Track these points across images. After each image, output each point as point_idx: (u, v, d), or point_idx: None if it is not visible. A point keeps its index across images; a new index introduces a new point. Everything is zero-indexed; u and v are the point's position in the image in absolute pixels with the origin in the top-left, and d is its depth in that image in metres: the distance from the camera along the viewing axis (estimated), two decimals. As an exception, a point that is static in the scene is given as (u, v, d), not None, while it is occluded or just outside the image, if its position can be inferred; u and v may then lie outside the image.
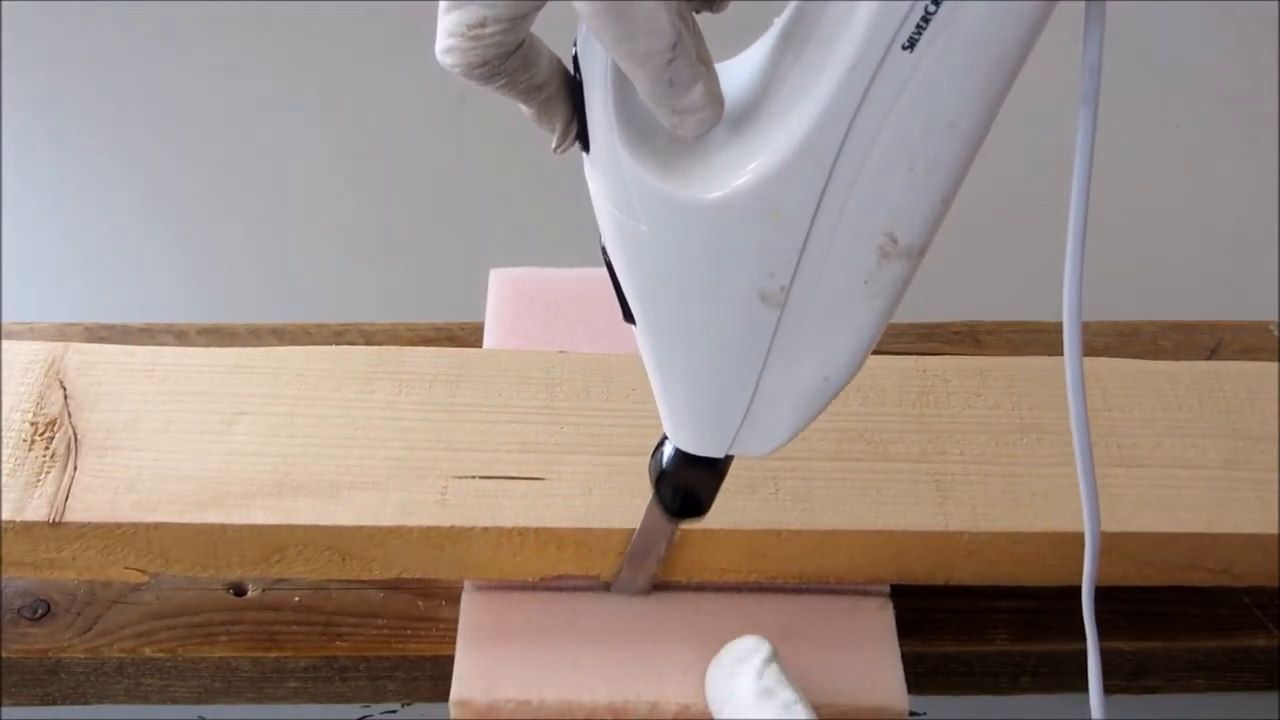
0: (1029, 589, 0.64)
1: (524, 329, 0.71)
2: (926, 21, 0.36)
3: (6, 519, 0.58)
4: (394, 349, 0.65)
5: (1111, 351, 0.75)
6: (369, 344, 0.73)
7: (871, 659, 0.60)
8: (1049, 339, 0.75)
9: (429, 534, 0.58)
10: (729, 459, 0.51)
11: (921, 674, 0.64)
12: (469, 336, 0.75)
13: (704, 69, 0.39)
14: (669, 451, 0.52)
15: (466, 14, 0.37)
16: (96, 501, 0.58)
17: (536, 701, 0.58)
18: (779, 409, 0.47)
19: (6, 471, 0.59)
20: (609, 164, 0.41)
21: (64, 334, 0.73)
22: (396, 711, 0.69)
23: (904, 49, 0.36)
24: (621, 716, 0.58)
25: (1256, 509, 0.60)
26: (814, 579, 0.62)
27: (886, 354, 0.65)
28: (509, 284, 0.73)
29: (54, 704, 0.65)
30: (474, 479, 0.60)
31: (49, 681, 0.63)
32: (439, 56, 0.39)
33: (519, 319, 0.72)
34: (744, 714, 0.54)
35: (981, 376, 0.65)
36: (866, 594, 0.62)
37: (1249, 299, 1.16)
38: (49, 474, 0.59)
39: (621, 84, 0.40)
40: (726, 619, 0.61)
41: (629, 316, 0.46)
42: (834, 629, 0.61)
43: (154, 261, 1.25)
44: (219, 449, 0.60)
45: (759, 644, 0.56)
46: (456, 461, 0.60)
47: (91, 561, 0.59)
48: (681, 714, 0.58)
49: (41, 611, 0.63)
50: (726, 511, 0.55)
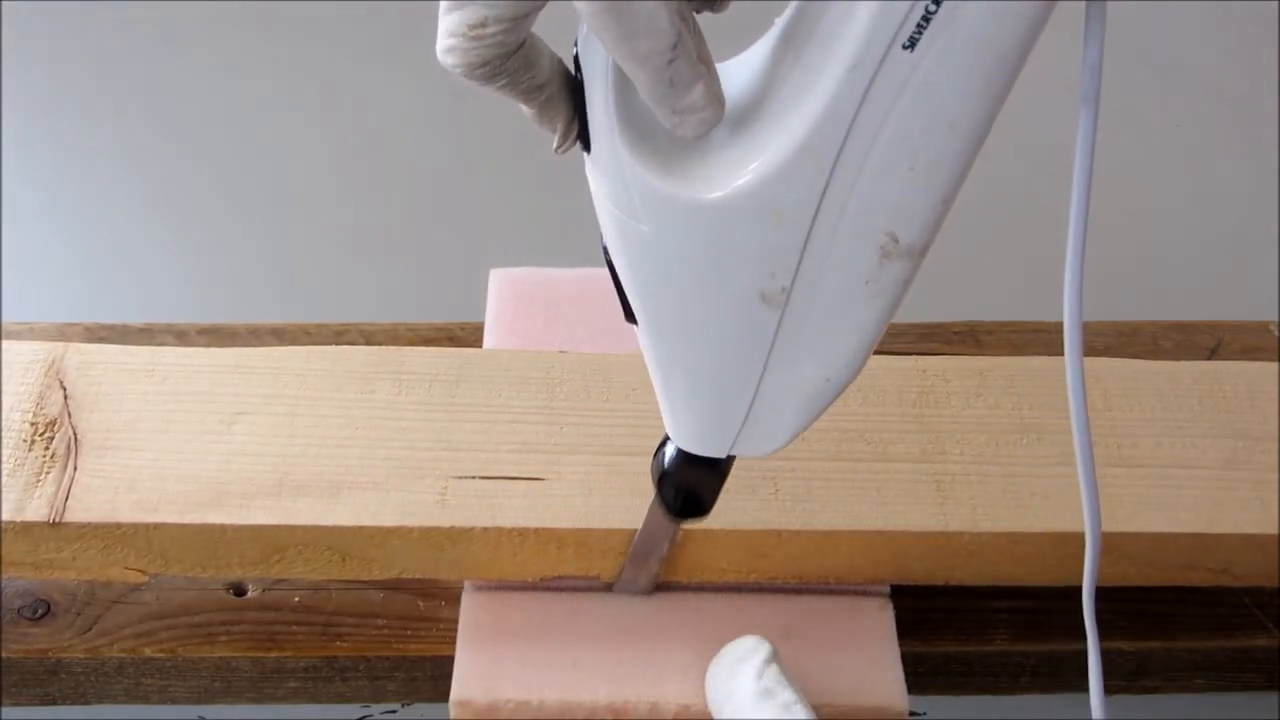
0: (1029, 589, 0.64)
1: (524, 329, 0.71)
2: (927, 21, 0.36)
3: (6, 519, 0.58)
4: (394, 349, 0.65)
5: (1111, 351, 0.75)
6: (369, 344, 0.73)
7: (871, 659, 0.60)
8: (1049, 339, 0.75)
9: (429, 534, 0.58)
10: (731, 459, 0.51)
11: (921, 674, 0.64)
12: (469, 336, 0.75)
13: (705, 69, 0.39)
14: (671, 452, 0.52)
15: (467, 14, 0.37)
16: (96, 502, 0.58)
17: (536, 701, 0.58)
18: (780, 409, 0.47)
19: (6, 471, 0.59)
20: (610, 164, 0.41)
21: (64, 334, 0.73)
22: (396, 711, 0.69)
23: (904, 49, 0.36)
24: (621, 717, 0.58)
25: (1256, 509, 0.60)
26: (814, 579, 0.62)
27: (886, 354, 0.65)
28: (509, 284, 0.73)
29: (54, 704, 0.65)
30: (474, 479, 0.60)
31: (49, 681, 0.63)
32: (440, 57, 0.39)
33: (519, 319, 0.72)
34: (744, 714, 0.54)
35: (981, 376, 0.65)
36: (866, 594, 0.62)
37: (1249, 299, 1.16)
38: (49, 474, 0.59)
39: (622, 84, 0.40)
40: (726, 619, 0.61)
41: (630, 317, 0.46)
42: (834, 629, 0.61)
43: (154, 261, 1.25)
44: (219, 449, 0.60)
45: (759, 644, 0.56)
46: (456, 461, 0.60)
47: (91, 561, 0.59)
48: (681, 714, 0.58)
49: (41, 611, 0.63)
50: (726, 512, 0.55)
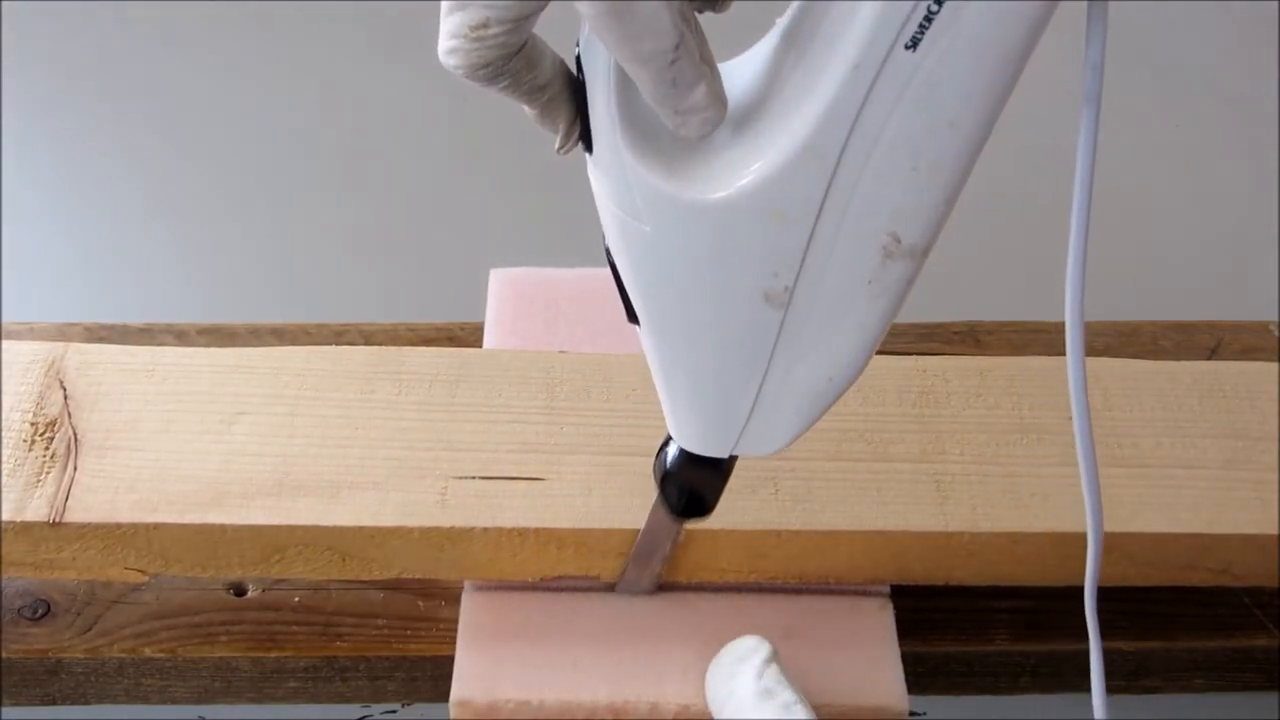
0: (1029, 589, 0.64)
1: (524, 329, 0.71)
2: (929, 21, 0.36)
3: (6, 519, 0.58)
4: (394, 349, 0.65)
5: (1111, 351, 0.75)
6: (369, 344, 0.73)
7: (871, 659, 0.60)
8: (1049, 339, 0.75)
9: (429, 534, 0.58)
10: (733, 459, 0.51)
11: (921, 674, 0.64)
12: (469, 336, 0.75)
13: (707, 69, 0.39)
14: (673, 452, 0.52)
15: (469, 15, 0.37)
16: (96, 502, 0.58)
17: (536, 701, 0.58)
18: (783, 409, 0.47)
19: (6, 471, 0.59)
20: (612, 164, 0.41)
21: (64, 334, 0.73)
22: (396, 711, 0.69)
23: (907, 49, 0.36)
24: (621, 717, 0.58)
25: (1256, 509, 0.60)
26: (814, 579, 0.62)
27: (886, 354, 0.65)
28: (509, 284, 0.73)
29: (54, 704, 0.65)
30: (474, 479, 0.60)
31: (49, 681, 0.63)
32: (442, 58, 0.39)
33: (519, 319, 0.72)
34: (744, 714, 0.54)
35: (981, 376, 0.65)
36: (866, 594, 0.62)
37: (1249, 299, 1.16)
38: (49, 474, 0.59)
39: (624, 84, 0.40)
40: (727, 619, 0.61)
41: (633, 317, 0.46)
42: (834, 629, 0.61)
43: (154, 261, 1.25)
44: (219, 449, 0.60)
45: (759, 644, 0.56)
46: (456, 461, 0.60)
47: (91, 561, 0.59)
48: (681, 714, 0.58)
49: (41, 611, 0.63)
50: (727, 512, 0.55)
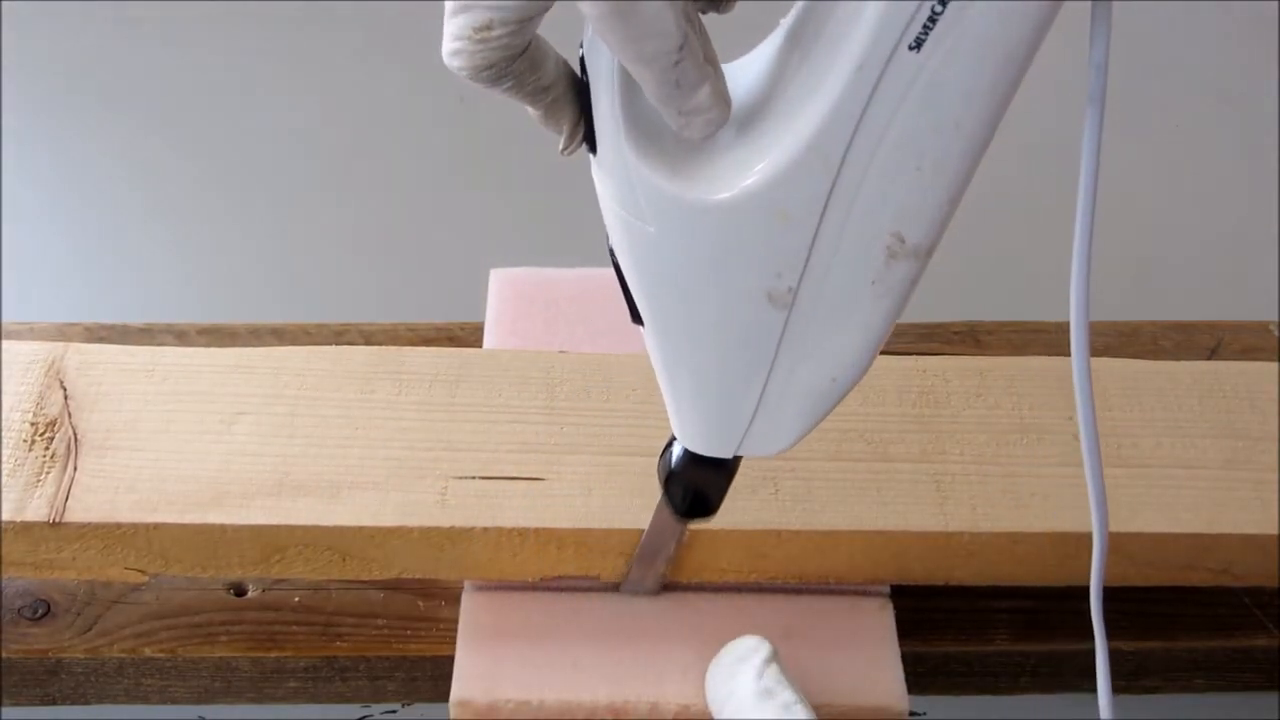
0: (1029, 589, 0.64)
1: (524, 329, 0.71)
2: (933, 21, 0.36)
3: (6, 519, 0.58)
4: (394, 349, 0.65)
5: (1111, 351, 0.74)
6: (369, 344, 0.73)
7: (871, 659, 0.60)
8: (1049, 339, 0.75)
9: (429, 534, 0.58)
10: (738, 459, 0.51)
11: (921, 674, 0.64)
12: (469, 336, 0.75)
13: (711, 70, 0.39)
14: (677, 452, 0.52)
15: (473, 17, 0.37)
16: (96, 502, 0.58)
17: (536, 701, 0.58)
18: (787, 410, 0.47)
19: (6, 471, 0.59)
20: (616, 165, 0.41)
21: (64, 334, 0.73)
22: (396, 711, 0.69)
23: (911, 49, 0.36)
24: (621, 717, 0.58)
25: (1256, 509, 0.60)
26: (814, 579, 0.62)
27: (886, 354, 0.65)
28: (509, 284, 0.73)
29: (54, 704, 0.65)
30: (474, 479, 0.60)
31: (49, 681, 0.63)
32: (446, 59, 0.39)
33: (519, 319, 0.72)
34: (744, 714, 0.54)
35: (981, 376, 0.65)
36: (866, 594, 0.62)
37: (1249, 299, 1.17)
38: (49, 474, 0.59)
39: (628, 85, 0.40)
40: (727, 619, 0.61)
41: (636, 317, 0.46)
42: (834, 629, 0.61)
43: (154, 261, 1.25)
44: (219, 449, 0.60)
45: (759, 644, 0.56)
46: (456, 461, 0.60)
47: (91, 561, 0.59)
48: (681, 714, 0.58)
49: (41, 611, 0.63)
50: (727, 512, 0.55)
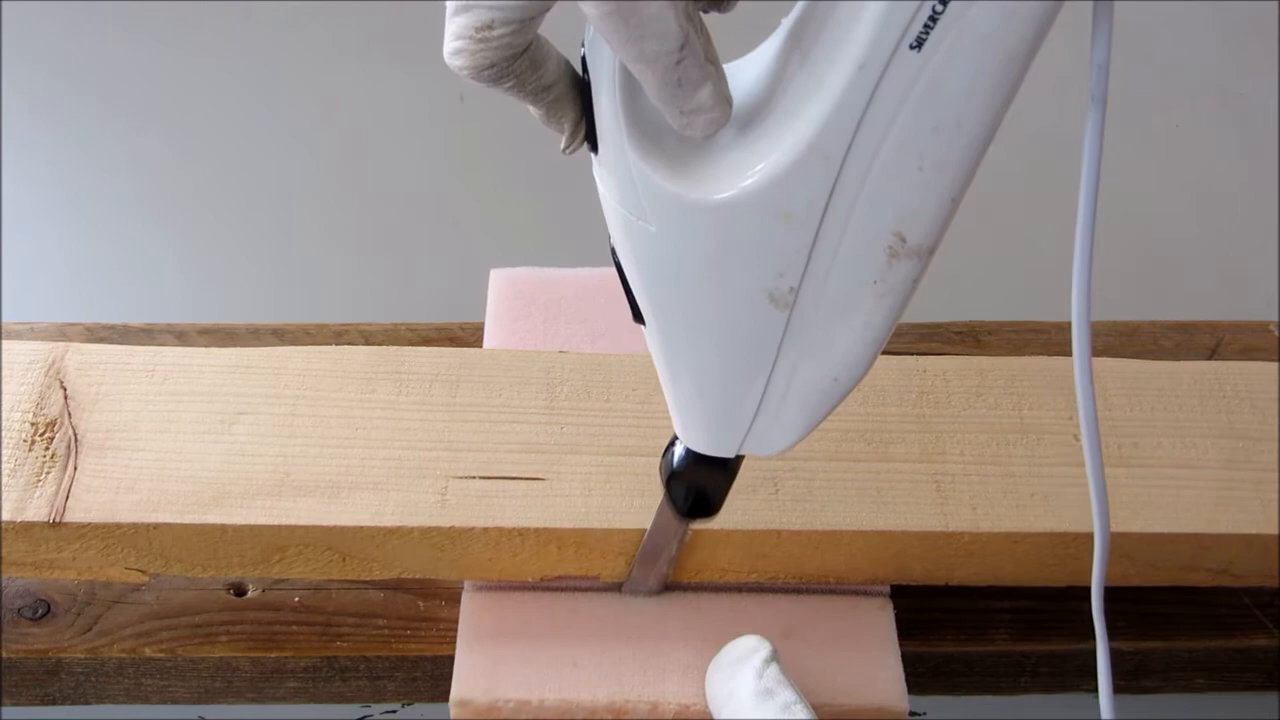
0: (1029, 589, 0.64)
1: (524, 329, 0.71)
2: (934, 21, 0.36)
3: (6, 519, 0.58)
4: (394, 349, 0.65)
5: (1111, 351, 0.74)
6: (369, 344, 0.73)
7: (871, 659, 0.60)
8: (1049, 339, 0.75)
9: (429, 534, 0.58)
10: (739, 459, 0.51)
11: (921, 674, 0.64)
12: (469, 336, 0.75)
13: (712, 69, 0.39)
14: (679, 452, 0.52)
15: (475, 16, 0.37)
16: (96, 502, 0.58)
17: (536, 701, 0.58)
18: (789, 409, 0.47)
19: (6, 471, 0.59)
20: (618, 164, 0.41)
21: (64, 334, 0.73)
22: (396, 711, 0.69)
23: (912, 48, 0.36)
24: (622, 716, 0.58)
25: (1256, 509, 0.60)
26: (814, 579, 0.62)
27: (886, 354, 0.65)
28: (509, 284, 0.73)
29: (54, 704, 0.65)
30: (474, 479, 0.60)
31: (49, 681, 0.63)
32: (447, 59, 0.39)
33: (519, 319, 0.72)
34: (744, 714, 0.54)
35: (981, 376, 0.65)
36: (866, 594, 0.62)
37: (1249, 299, 1.16)
38: (49, 474, 0.59)
39: (629, 85, 0.40)
40: (727, 619, 0.61)
41: (638, 317, 0.46)
42: (834, 629, 0.61)
43: (154, 261, 1.25)
44: (219, 449, 0.60)
45: (759, 644, 0.56)
46: (456, 461, 0.60)
47: (91, 562, 0.59)
48: (681, 714, 0.58)
49: (41, 611, 0.63)
50: (727, 512, 0.55)
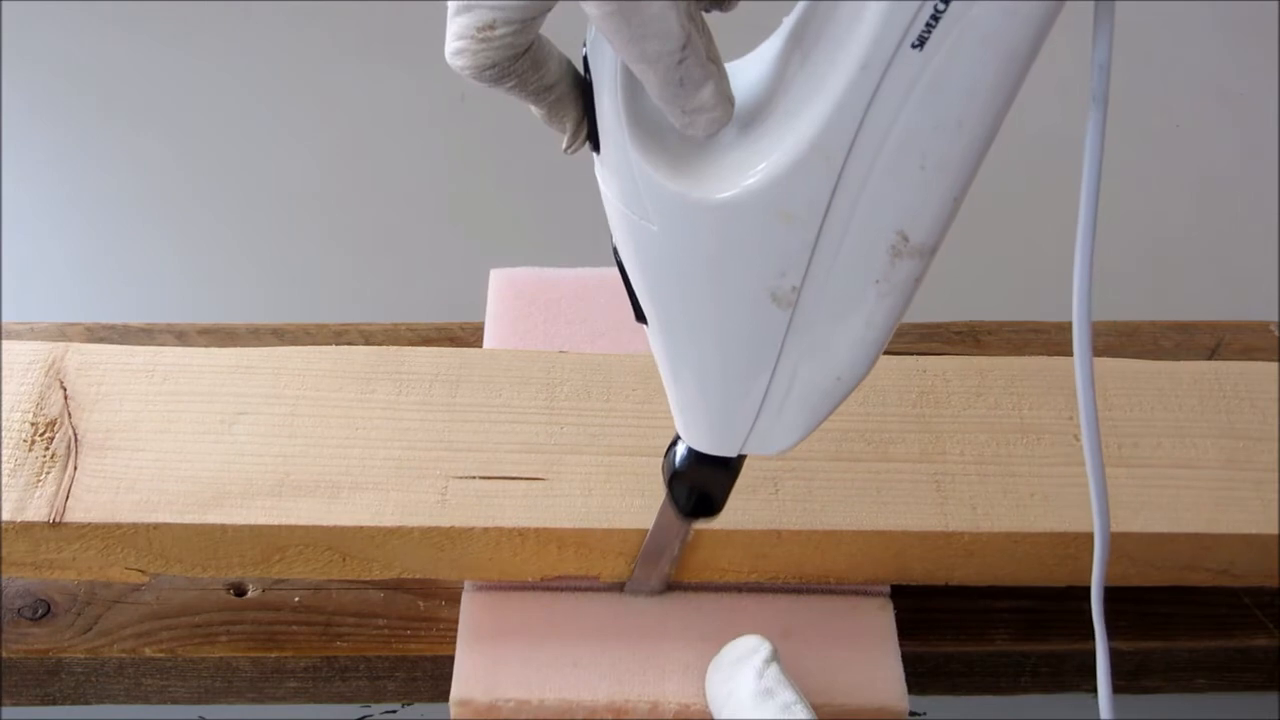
0: (1029, 589, 0.64)
1: (524, 329, 0.71)
2: (936, 20, 0.36)
3: (6, 519, 0.58)
4: (394, 349, 0.65)
5: (1111, 351, 0.75)
6: (369, 344, 0.73)
7: (871, 659, 0.60)
8: (1049, 339, 0.75)
9: (429, 534, 0.58)
10: (741, 458, 0.51)
11: (921, 674, 0.64)
12: (469, 336, 0.75)
13: (714, 69, 0.39)
14: (682, 451, 0.52)
15: (476, 16, 0.37)
16: (96, 502, 0.58)
17: (537, 701, 0.58)
18: (791, 408, 0.47)
19: (6, 471, 0.59)
20: (619, 164, 0.41)
21: (64, 334, 0.73)
22: (396, 711, 0.69)
23: (913, 48, 0.36)
24: (622, 716, 0.58)
25: (1256, 509, 0.60)
26: (814, 579, 0.62)
27: (886, 354, 0.65)
28: (509, 284, 0.73)
29: (54, 704, 0.65)
30: (474, 479, 0.60)
31: (49, 681, 0.63)
32: (449, 59, 0.39)
33: (519, 319, 0.72)
34: (744, 714, 0.54)
35: (981, 376, 0.65)
36: (866, 594, 0.62)
37: (1249, 299, 1.16)
38: (49, 474, 0.59)
39: (631, 84, 0.40)
40: (727, 619, 0.61)
41: (640, 317, 0.46)
42: (834, 629, 0.61)
43: (154, 261, 1.25)
44: (219, 449, 0.60)
45: (759, 644, 0.56)
46: (456, 461, 0.60)
47: (91, 562, 0.59)
48: (681, 713, 0.58)
49: (41, 611, 0.63)
50: (727, 512, 0.55)
